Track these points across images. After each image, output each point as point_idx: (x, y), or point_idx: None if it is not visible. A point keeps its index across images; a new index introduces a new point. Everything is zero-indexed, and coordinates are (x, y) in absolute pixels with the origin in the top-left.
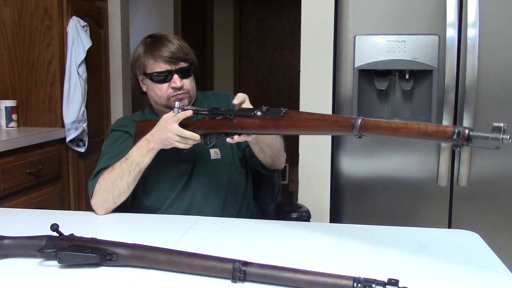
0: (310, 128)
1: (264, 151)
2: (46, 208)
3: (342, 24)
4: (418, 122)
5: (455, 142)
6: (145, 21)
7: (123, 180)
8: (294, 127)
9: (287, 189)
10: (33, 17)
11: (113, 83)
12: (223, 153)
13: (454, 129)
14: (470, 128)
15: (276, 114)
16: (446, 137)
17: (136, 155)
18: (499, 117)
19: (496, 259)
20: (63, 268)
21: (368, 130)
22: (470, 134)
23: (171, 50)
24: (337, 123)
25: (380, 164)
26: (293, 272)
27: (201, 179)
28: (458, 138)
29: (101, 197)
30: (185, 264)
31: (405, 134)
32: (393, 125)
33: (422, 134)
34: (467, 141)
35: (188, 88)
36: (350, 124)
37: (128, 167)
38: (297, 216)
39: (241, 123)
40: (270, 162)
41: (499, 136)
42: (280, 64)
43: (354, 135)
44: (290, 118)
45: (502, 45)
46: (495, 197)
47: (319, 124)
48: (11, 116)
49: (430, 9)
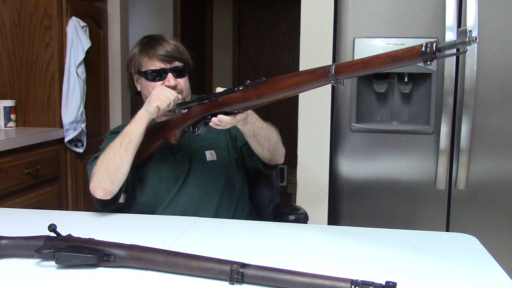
0: (289, 86)
1: (262, 144)
2: (44, 208)
3: (342, 27)
4: (389, 51)
5: (424, 57)
6: (144, 22)
7: (116, 154)
8: (275, 89)
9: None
10: (32, 17)
11: (112, 84)
12: (219, 155)
13: (421, 45)
14: (437, 40)
15: (257, 83)
16: (416, 55)
17: (127, 127)
18: (498, 120)
19: (494, 263)
20: (60, 269)
21: (342, 71)
22: (438, 45)
23: (166, 49)
24: (313, 73)
25: (378, 166)
26: (291, 274)
27: (197, 181)
28: (427, 51)
29: (97, 176)
30: (183, 266)
31: (377, 64)
32: (365, 59)
33: (393, 59)
34: (436, 53)
35: (182, 87)
36: (325, 70)
37: (119, 139)
38: (295, 218)
39: (225, 99)
40: (269, 157)
41: (465, 39)
42: (279, 66)
43: (331, 81)
44: (270, 82)
45: (500, 49)
46: (493, 200)
47: (297, 80)
48: (10, 116)
49: (429, 12)
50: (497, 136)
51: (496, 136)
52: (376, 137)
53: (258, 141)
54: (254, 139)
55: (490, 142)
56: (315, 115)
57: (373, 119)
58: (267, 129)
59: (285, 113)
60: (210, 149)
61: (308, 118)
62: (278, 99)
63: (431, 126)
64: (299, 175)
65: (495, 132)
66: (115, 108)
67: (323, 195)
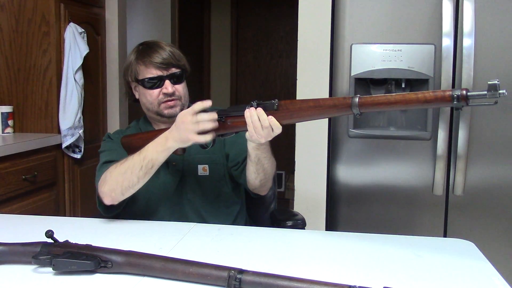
0: (307, 116)
1: (259, 173)
2: (41, 214)
3: (339, 33)
4: (415, 93)
5: (456, 105)
6: (142, 28)
7: (133, 174)
8: (291, 118)
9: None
10: (30, 23)
11: (109, 90)
12: (213, 170)
13: (452, 94)
14: (467, 89)
15: (269, 108)
16: (446, 101)
17: (151, 152)
18: (495, 126)
19: (491, 268)
20: (57, 275)
21: (367, 107)
22: (468, 94)
23: (162, 56)
24: (335, 108)
25: (376, 172)
26: (288, 280)
27: (188, 194)
28: (458, 100)
29: (109, 186)
30: (181, 272)
31: (404, 105)
32: (391, 100)
33: (422, 103)
34: (466, 101)
35: (180, 94)
36: (348, 105)
37: (141, 162)
38: (292, 224)
39: (234, 123)
40: (257, 186)
41: (496, 93)
42: (277, 72)
43: (355, 114)
44: (284, 110)
45: (497, 55)
46: (491, 206)
47: (317, 112)
48: (7, 122)
49: (426, 19)
50: (494, 142)
51: (493, 141)
52: (373, 143)
53: (257, 169)
54: (255, 166)
55: (487, 148)
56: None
57: (370, 125)
58: (271, 162)
59: None
60: (203, 164)
61: (305, 124)
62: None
63: (428, 132)
64: (296, 180)
65: (492, 137)
66: (113, 114)
67: (320, 200)
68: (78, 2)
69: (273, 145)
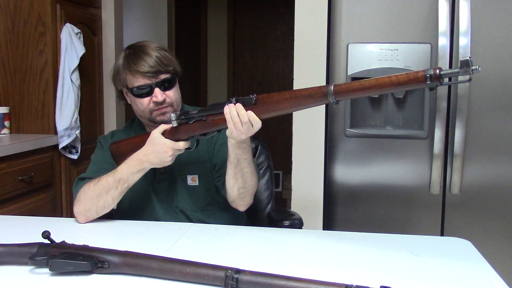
0: (286, 108)
1: (237, 178)
2: (38, 215)
3: (335, 33)
4: (389, 76)
5: (430, 85)
6: (139, 28)
7: (109, 195)
8: (270, 111)
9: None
10: (26, 23)
11: (106, 90)
12: (202, 180)
13: (425, 73)
14: (440, 68)
15: (248, 103)
16: (419, 82)
17: (126, 173)
18: (491, 125)
19: (488, 267)
20: (54, 276)
21: (342, 94)
22: (441, 73)
23: (149, 64)
24: (311, 97)
25: (373, 171)
26: (285, 279)
27: (180, 204)
28: (432, 80)
29: (84, 206)
30: (178, 272)
31: (379, 90)
32: (365, 85)
33: (396, 85)
34: (439, 80)
35: (172, 100)
36: (324, 93)
37: (116, 183)
38: (290, 224)
39: (215, 121)
40: (235, 196)
41: (469, 69)
42: (273, 72)
43: (332, 103)
44: (262, 104)
45: (493, 54)
46: (488, 205)
47: (294, 103)
48: (4, 122)
49: (422, 18)
50: (490, 141)
51: (490, 140)
52: (370, 142)
53: (235, 173)
54: (234, 169)
55: (483, 147)
56: (310, 120)
57: (367, 124)
58: (251, 169)
59: (279, 118)
60: (193, 174)
61: (302, 123)
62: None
63: (425, 131)
64: (294, 180)
65: (489, 136)
66: (109, 114)
67: (318, 200)
68: (74, 3)
69: (270, 144)
